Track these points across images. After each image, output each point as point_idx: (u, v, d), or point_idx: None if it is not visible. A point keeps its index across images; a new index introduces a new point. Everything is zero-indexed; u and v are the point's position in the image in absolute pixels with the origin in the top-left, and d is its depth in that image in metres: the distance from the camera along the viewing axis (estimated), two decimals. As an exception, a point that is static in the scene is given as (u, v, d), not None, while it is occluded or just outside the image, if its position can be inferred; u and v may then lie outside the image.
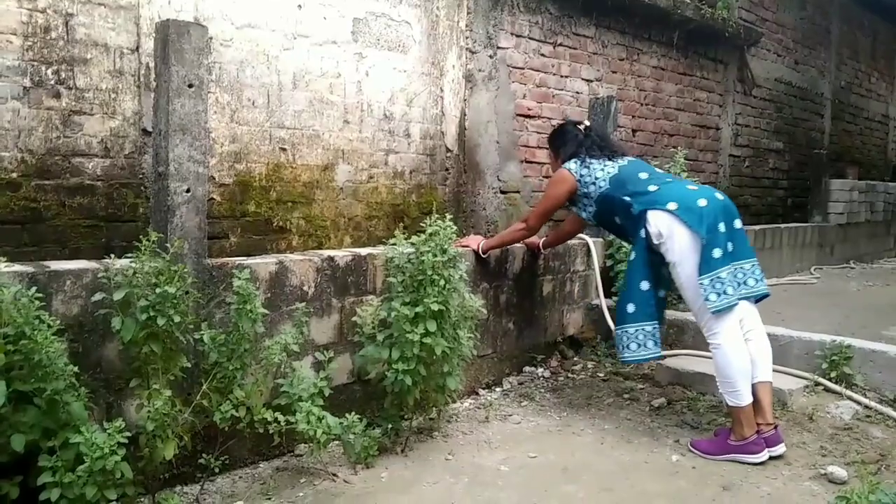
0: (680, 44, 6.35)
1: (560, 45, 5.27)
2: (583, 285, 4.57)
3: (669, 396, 3.75)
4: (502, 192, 4.89)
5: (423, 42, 4.37)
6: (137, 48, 3.16)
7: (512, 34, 4.89)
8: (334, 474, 2.84)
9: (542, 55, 5.14)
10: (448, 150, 4.62)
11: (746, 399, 3.00)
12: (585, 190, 3.40)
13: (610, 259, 4.67)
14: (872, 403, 3.42)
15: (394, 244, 3.02)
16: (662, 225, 3.10)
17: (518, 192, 5.01)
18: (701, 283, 3.00)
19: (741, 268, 3.09)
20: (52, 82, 2.96)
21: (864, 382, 3.57)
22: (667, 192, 3.15)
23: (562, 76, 5.31)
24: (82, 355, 2.38)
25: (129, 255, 2.33)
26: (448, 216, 3.02)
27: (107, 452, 2.04)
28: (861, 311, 5.18)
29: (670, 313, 4.29)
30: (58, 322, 2.15)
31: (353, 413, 2.86)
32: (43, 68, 2.93)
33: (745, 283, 3.09)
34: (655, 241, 3.13)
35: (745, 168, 7.67)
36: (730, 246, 3.04)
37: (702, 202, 3.05)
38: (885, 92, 11.28)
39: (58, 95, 2.98)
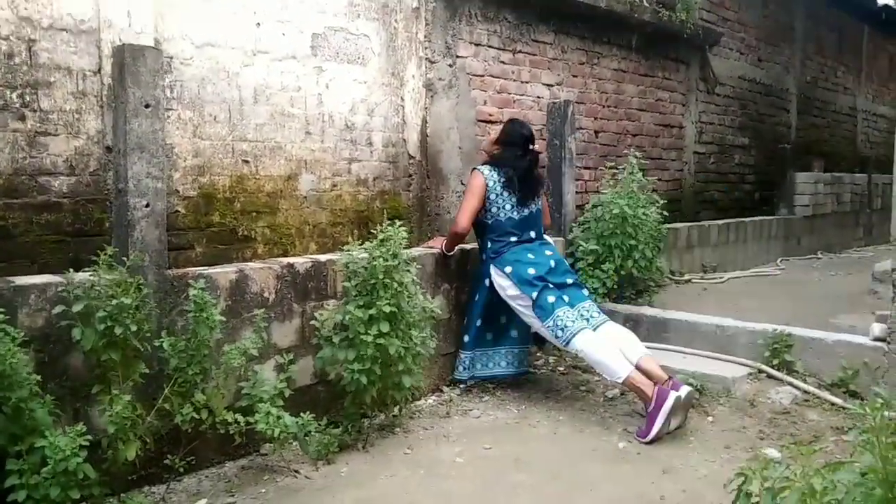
0: (640, 46, 6.53)
1: (519, 51, 5.44)
2: (545, 284, 4.72)
3: (623, 388, 3.91)
4: (466, 196, 5.04)
5: (382, 54, 4.53)
6: (99, 70, 3.30)
7: (471, 43, 5.05)
8: (296, 471, 2.99)
9: (502, 62, 5.31)
10: (411, 156, 4.77)
11: (624, 370, 3.39)
12: (486, 203, 3.83)
13: (570, 258, 4.83)
14: (811, 388, 3.60)
15: (349, 250, 3.18)
16: (501, 281, 3.76)
17: (482, 195, 5.16)
18: (547, 326, 3.60)
19: (580, 308, 3.66)
20: (17, 105, 3.09)
21: (804, 369, 3.75)
22: (509, 256, 3.76)
23: (522, 82, 5.48)
24: (48, 364, 2.51)
25: (89, 269, 2.47)
26: (412, 220, 3.18)
27: (69, 455, 2.18)
28: (816, 300, 5.37)
29: (625, 307, 4.47)
30: (22, 334, 2.29)
31: (313, 412, 3.00)
32: (8, 92, 3.06)
33: (580, 318, 3.61)
34: (499, 292, 3.77)
35: (711, 164, 7.87)
36: (564, 297, 3.66)
37: (531, 271, 3.68)
38: (853, 85, 11.51)
39: (23, 118, 3.11)
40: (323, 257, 3.48)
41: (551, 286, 3.66)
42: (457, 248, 4.01)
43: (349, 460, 3.10)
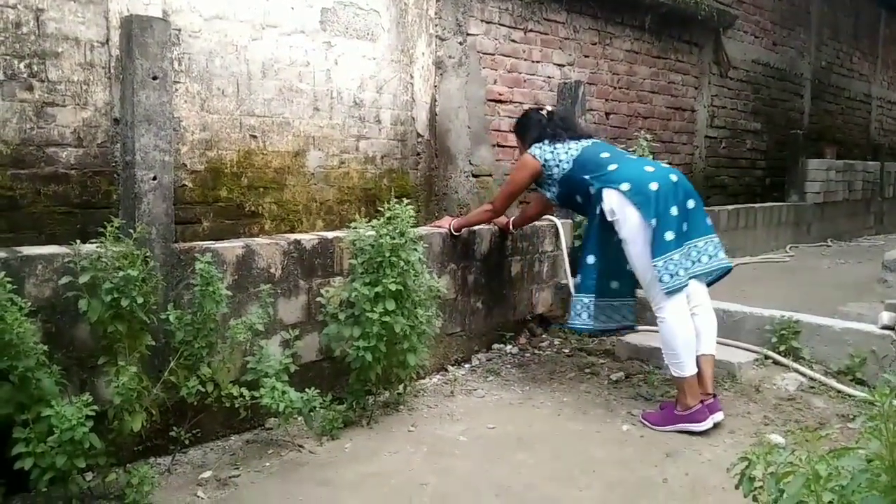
0: (653, 27, 6.45)
1: (531, 30, 5.38)
2: (552, 265, 4.71)
3: (628, 370, 3.92)
4: (474, 176, 5.03)
5: (392, 30, 4.48)
6: (107, 41, 3.28)
7: (482, 21, 5.00)
8: (300, 446, 3.01)
9: (513, 41, 5.25)
10: (419, 135, 4.74)
11: (690, 370, 3.16)
12: (549, 172, 3.54)
13: (578, 240, 4.80)
14: (817, 375, 3.58)
15: (356, 228, 3.16)
16: (615, 203, 3.23)
17: (490, 175, 5.14)
18: (655, 265, 3.14)
19: (695, 246, 3.25)
20: (25, 75, 3.08)
21: (810, 356, 3.74)
22: (623, 172, 3.27)
23: (533, 61, 5.43)
24: (55, 335, 2.52)
25: (96, 240, 2.47)
26: (419, 199, 3.16)
27: (75, 424, 2.19)
28: (825, 287, 5.34)
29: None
30: (29, 304, 2.30)
31: (318, 388, 3.01)
32: (15, 62, 3.05)
33: (698, 260, 3.25)
34: (609, 218, 3.27)
35: (722, 149, 7.80)
36: (684, 226, 3.18)
37: (653, 185, 3.16)
38: (868, 72, 11.38)
39: (31, 88, 3.10)
40: (330, 234, 3.47)
41: (674, 212, 3.15)
42: (465, 228, 3.97)
43: (353, 436, 3.11)
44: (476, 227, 4.10)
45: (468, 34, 4.89)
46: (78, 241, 2.52)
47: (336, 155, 4.28)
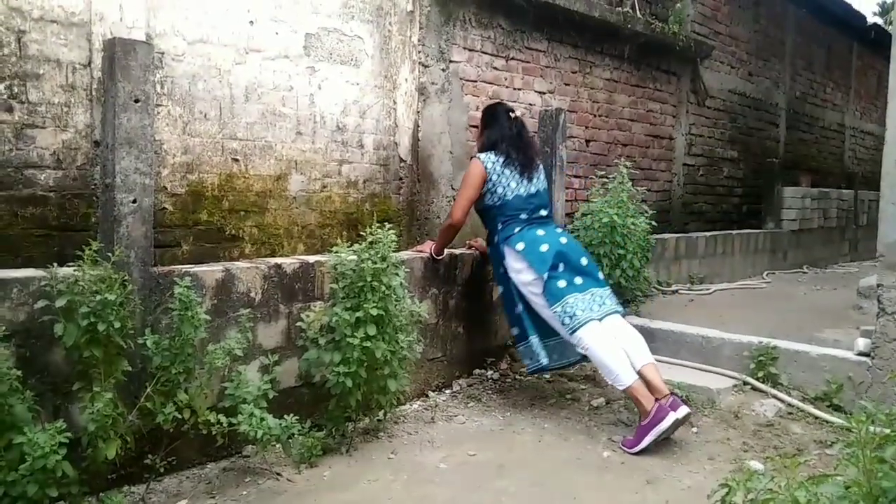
0: (632, 57, 6.57)
1: (513, 58, 5.45)
2: (533, 291, 4.72)
3: (608, 396, 3.92)
4: (456, 201, 5.04)
5: (375, 56, 4.52)
6: (90, 63, 3.27)
7: (464, 48, 5.06)
8: (278, 473, 2.96)
9: (495, 68, 5.32)
10: (402, 160, 4.77)
11: (628, 378, 3.31)
12: (489, 187, 3.75)
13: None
14: (795, 401, 3.61)
15: (337, 252, 3.16)
16: (513, 260, 3.68)
17: (472, 200, 5.16)
18: (554, 311, 3.51)
19: (593, 293, 3.56)
20: (5, 97, 3.06)
21: (788, 381, 3.77)
22: (521, 235, 3.67)
23: (515, 89, 5.49)
24: (30, 360, 2.48)
25: (73, 264, 2.44)
26: (402, 224, 3.17)
27: (47, 451, 2.14)
28: (802, 313, 5.40)
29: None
30: (3, 328, 2.26)
31: (297, 415, 2.97)
32: (-5, 83, 3.03)
33: (603, 304, 3.55)
34: (511, 275, 3.69)
35: (700, 176, 7.92)
36: (577, 280, 3.55)
37: (544, 247, 3.59)
38: (841, 102, 11.65)
39: (10, 109, 3.08)
40: (311, 258, 3.46)
41: (562, 268, 3.54)
42: (446, 252, 3.99)
43: (332, 464, 3.07)
44: (458, 252, 4.12)
45: (451, 61, 4.95)
46: (55, 265, 2.49)
47: (318, 179, 4.28)
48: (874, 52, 11.80)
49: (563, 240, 3.68)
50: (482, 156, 3.78)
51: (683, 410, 3.24)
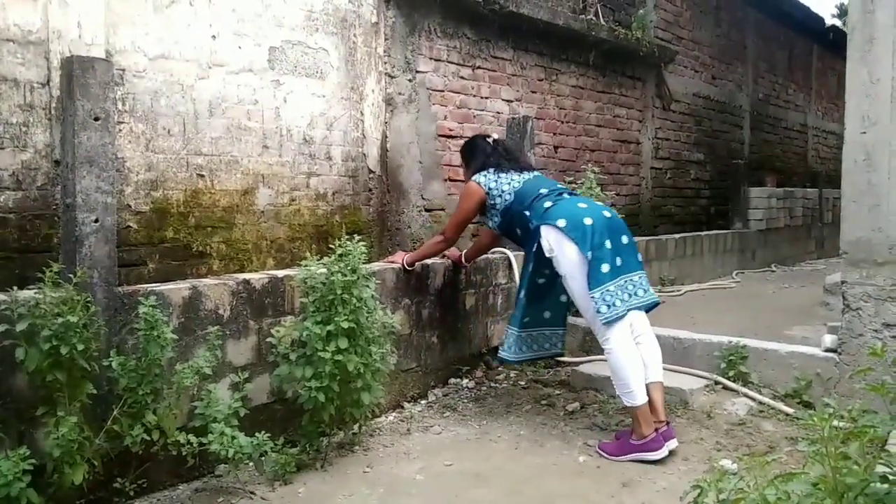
0: (597, 63, 6.64)
1: (479, 67, 5.48)
2: (506, 298, 4.73)
3: (583, 401, 3.93)
4: (427, 210, 5.05)
5: (341, 68, 4.51)
6: (48, 82, 3.22)
7: (431, 58, 5.07)
8: (252, 492, 2.92)
9: (462, 78, 5.34)
10: (371, 171, 4.76)
11: (641, 398, 3.20)
12: (493, 202, 3.63)
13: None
14: (765, 399, 3.66)
15: (307, 265, 3.13)
16: (552, 240, 3.33)
17: (443, 209, 5.17)
18: (592, 297, 3.21)
19: (630, 280, 3.31)
20: (-39, 117, 3.00)
21: (759, 380, 3.82)
22: (558, 210, 3.37)
23: (482, 97, 5.52)
24: (-9, 386, 2.42)
25: (34, 286, 2.39)
26: (372, 235, 3.15)
27: (11, 479, 2.09)
28: (771, 312, 5.48)
29: (584, 321, 4.48)
30: (-39, 355, 2.20)
31: (269, 431, 2.94)
32: (-50, 104, 2.97)
33: (634, 294, 3.31)
34: (547, 255, 3.36)
35: (668, 179, 8.02)
36: (618, 261, 3.26)
37: (588, 220, 3.26)
38: (803, 103, 11.89)
39: (-34, 130, 3.02)
40: (280, 273, 3.43)
41: (609, 245, 3.22)
42: (417, 263, 3.97)
43: (307, 480, 3.03)
44: (430, 262, 4.10)
45: (417, 71, 4.96)
46: (15, 288, 2.43)
47: (286, 192, 4.25)
48: (834, 53, 12.07)
49: (607, 213, 3.35)
50: (475, 176, 3.69)
51: (674, 443, 3.21)
